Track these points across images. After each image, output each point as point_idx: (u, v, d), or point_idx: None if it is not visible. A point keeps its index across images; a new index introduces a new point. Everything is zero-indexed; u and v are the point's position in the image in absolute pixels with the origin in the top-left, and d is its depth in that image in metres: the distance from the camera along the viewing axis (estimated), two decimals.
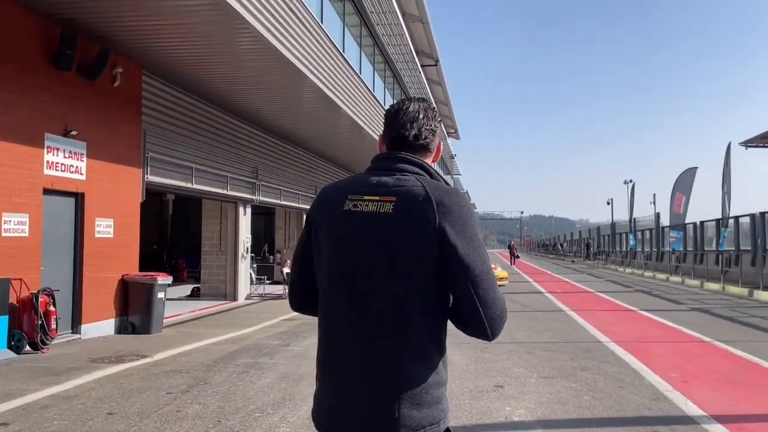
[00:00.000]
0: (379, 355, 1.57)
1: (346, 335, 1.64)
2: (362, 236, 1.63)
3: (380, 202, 1.63)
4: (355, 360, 1.61)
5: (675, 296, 17.00)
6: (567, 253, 66.61)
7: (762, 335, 9.62)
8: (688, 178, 27.16)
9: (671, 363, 7.28)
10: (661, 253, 29.69)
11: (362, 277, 1.61)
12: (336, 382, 1.65)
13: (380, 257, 1.60)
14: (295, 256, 1.82)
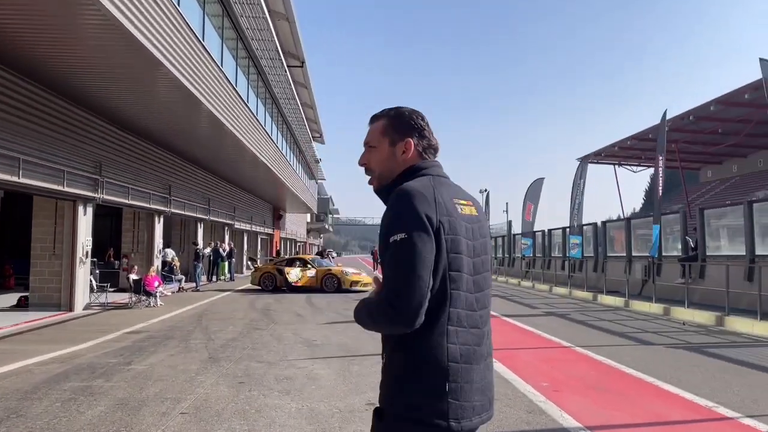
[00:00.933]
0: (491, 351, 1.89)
1: (477, 333, 1.78)
2: (475, 237, 1.83)
3: (470, 206, 1.87)
4: (487, 357, 1.84)
5: (529, 300, 17.71)
6: None
7: (613, 338, 10.03)
8: (537, 187, 28.82)
9: (540, 371, 7.24)
10: (513, 258, 31.25)
11: (482, 276, 1.84)
12: (478, 380, 1.75)
13: (486, 255, 1.88)
14: (427, 264, 1.66)
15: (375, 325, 1.71)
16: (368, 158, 1.95)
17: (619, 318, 13.03)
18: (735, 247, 14.11)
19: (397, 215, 1.69)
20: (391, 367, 1.74)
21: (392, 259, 1.66)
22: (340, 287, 19.92)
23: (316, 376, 6.86)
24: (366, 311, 1.73)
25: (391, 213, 1.72)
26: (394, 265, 1.65)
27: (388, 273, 1.67)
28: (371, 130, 1.96)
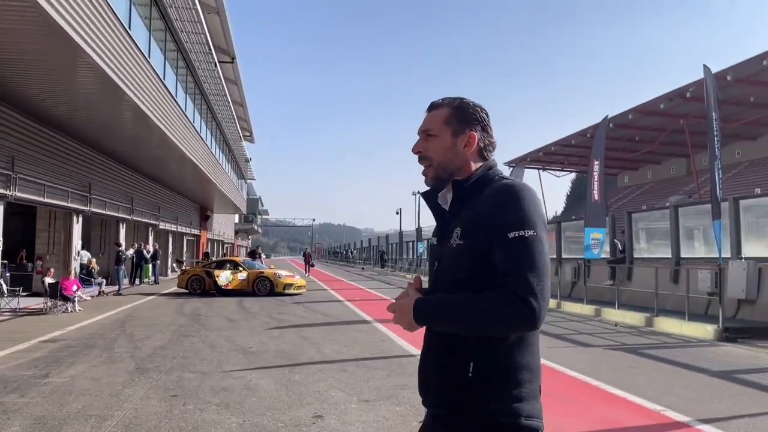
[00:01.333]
0: None
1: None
2: None
3: None
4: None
5: None
6: (357, 260, 68.46)
7: (552, 341, 10.09)
8: None
9: None
10: None
11: None
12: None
13: None
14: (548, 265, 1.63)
15: (487, 326, 1.58)
16: (425, 146, 1.84)
17: (554, 319, 13.22)
18: (661, 249, 14.65)
19: (523, 210, 1.61)
20: (487, 376, 1.61)
21: (522, 255, 1.57)
22: (272, 290, 19.34)
23: (256, 386, 6.45)
24: (478, 311, 1.57)
25: (512, 207, 1.62)
26: (527, 261, 1.56)
27: (517, 269, 1.56)
28: (431, 118, 1.84)
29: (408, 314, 1.67)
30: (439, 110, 1.84)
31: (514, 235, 1.57)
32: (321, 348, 9.00)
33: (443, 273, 1.74)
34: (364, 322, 12.54)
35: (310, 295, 19.82)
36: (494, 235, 1.60)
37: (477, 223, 1.65)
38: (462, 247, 1.66)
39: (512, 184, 1.68)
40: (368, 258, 61.41)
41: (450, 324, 1.63)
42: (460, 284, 1.64)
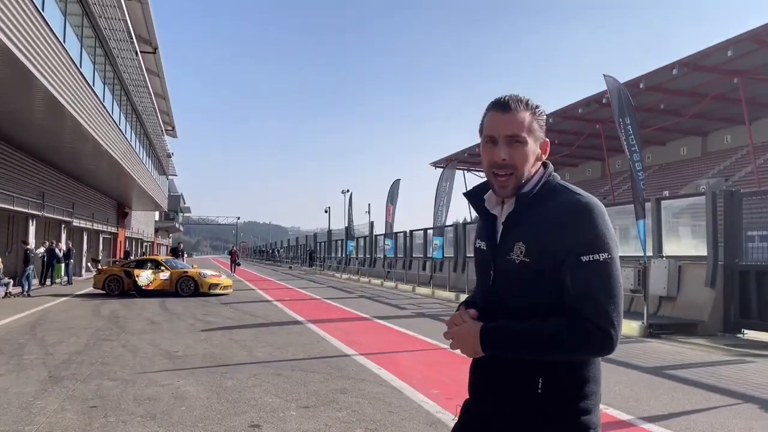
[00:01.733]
0: None
1: None
2: None
3: None
4: None
5: (396, 301, 17.69)
6: (284, 259, 67.43)
7: None
8: (395, 189, 29.19)
9: (427, 377, 6.97)
10: (374, 259, 31.41)
11: None
12: None
13: None
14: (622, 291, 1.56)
15: (560, 354, 1.55)
16: (510, 153, 1.66)
17: None
18: None
19: (597, 231, 1.55)
20: (555, 391, 1.58)
21: (597, 280, 1.53)
22: (197, 291, 18.54)
23: (185, 394, 6.02)
24: (548, 338, 1.53)
25: (586, 227, 1.55)
26: (602, 286, 1.52)
27: (592, 295, 1.52)
28: (516, 122, 1.66)
29: (473, 342, 1.61)
30: (519, 114, 1.67)
31: (588, 259, 1.52)
32: (253, 351, 8.60)
33: (500, 288, 1.67)
34: (296, 322, 12.18)
35: (237, 295, 19.17)
36: (565, 257, 1.54)
37: (545, 242, 1.58)
38: (527, 266, 1.60)
39: (584, 201, 1.58)
40: (296, 257, 60.59)
41: (520, 353, 1.57)
42: (524, 303, 1.61)
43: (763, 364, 7.95)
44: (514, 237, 1.62)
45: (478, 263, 1.81)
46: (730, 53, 29.24)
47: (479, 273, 1.80)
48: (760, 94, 34.49)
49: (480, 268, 1.80)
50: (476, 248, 1.81)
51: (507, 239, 1.64)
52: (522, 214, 1.64)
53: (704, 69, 31.09)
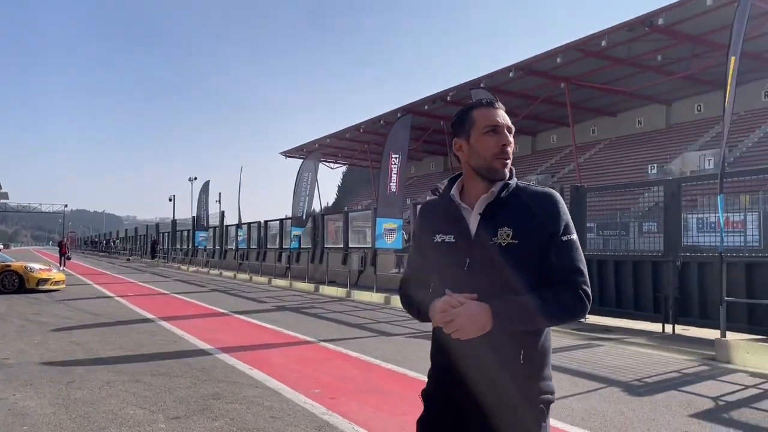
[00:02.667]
0: None
1: None
2: None
3: None
4: None
5: (253, 294, 17.01)
6: (121, 251, 62.70)
7: (354, 331, 9.99)
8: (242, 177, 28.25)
9: (304, 375, 6.63)
10: (225, 250, 30.14)
11: None
12: None
13: None
14: None
15: (561, 319, 1.81)
16: (510, 141, 1.94)
17: (348, 309, 13.24)
18: None
19: (568, 217, 1.87)
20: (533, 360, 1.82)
21: (575, 255, 1.83)
22: (22, 286, 16.40)
23: (24, 410, 5.13)
24: (552, 305, 1.76)
25: (562, 214, 1.86)
26: (579, 260, 1.83)
27: (575, 267, 1.82)
28: (506, 116, 1.95)
29: (482, 319, 1.71)
30: (502, 111, 1.94)
31: (567, 239, 1.83)
32: (101, 355, 7.67)
33: (484, 271, 1.81)
34: (146, 320, 11.16)
35: (71, 291, 17.27)
36: (550, 238, 1.81)
37: (529, 226, 1.81)
38: (516, 247, 1.79)
39: (555, 194, 1.88)
40: (134, 248, 56.55)
41: (529, 323, 1.77)
42: (513, 281, 1.78)
43: (609, 346, 8.64)
44: (496, 223, 1.82)
45: (442, 256, 1.89)
46: (558, 60, 32.03)
47: (445, 265, 1.89)
48: (582, 98, 38.19)
49: (446, 260, 1.88)
50: (437, 242, 1.91)
51: (487, 226, 1.83)
52: (502, 203, 1.85)
53: (536, 73, 33.71)
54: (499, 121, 1.88)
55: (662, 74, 34.32)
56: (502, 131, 1.87)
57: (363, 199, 65.71)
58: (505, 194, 1.85)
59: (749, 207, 13.41)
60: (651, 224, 17.20)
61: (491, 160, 1.87)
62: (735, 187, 12.52)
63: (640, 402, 5.43)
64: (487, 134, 1.87)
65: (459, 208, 1.89)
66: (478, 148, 1.87)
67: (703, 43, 30.03)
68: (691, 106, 40.31)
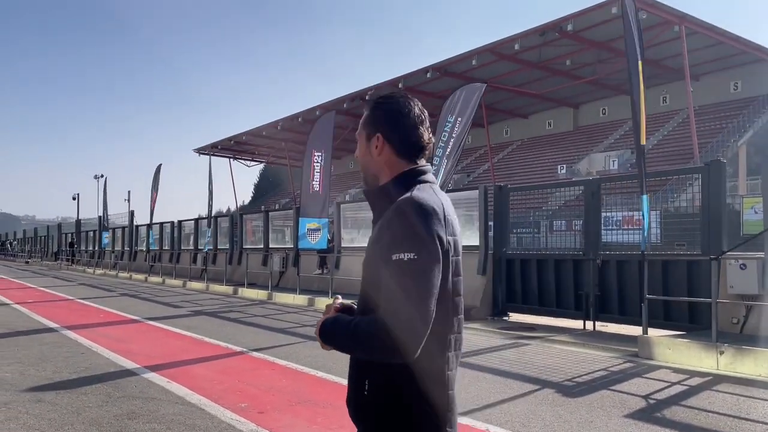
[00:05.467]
0: None
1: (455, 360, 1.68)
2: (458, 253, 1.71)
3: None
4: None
5: (168, 299, 16.14)
6: (19, 252, 58.46)
7: (280, 337, 9.60)
8: (158, 175, 26.87)
9: (230, 388, 6.21)
10: (135, 252, 28.64)
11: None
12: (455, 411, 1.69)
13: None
14: (434, 292, 1.51)
15: (361, 351, 1.59)
16: (357, 153, 1.77)
17: (271, 312, 12.77)
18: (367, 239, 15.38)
19: (406, 232, 1.51)
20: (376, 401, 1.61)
21: (396, 281, 1.49)
22: None
23: None
24: (346, 333, 1.57)
25: (396, 226, 1.53)
26: (400, 289, 1.48)
27: (389, 296, 1.50)
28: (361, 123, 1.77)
29: (317, 333, 1.65)
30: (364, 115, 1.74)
31: (396, 258, 1.49)
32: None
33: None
34: (49, 330, 10.26)
35: None
36: (381, 256, 1.53)
37: (374, 240, 1.62)
38: (365, 261, 1.63)
39: (406, 200, 1.55)
40: (33, 250, 52.85)
41: (340, 347, 1.61)
42: (363, 297, 1.63)
43: (536, 345, 8.74)
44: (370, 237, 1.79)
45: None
46: (474, 62, 32.79)
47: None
48: (496, 100, 39.28)
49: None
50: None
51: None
52: (375, 214, 1.76)
53: (453, 75, 34.35)
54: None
55: (570, 78, 35.87)
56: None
57: (281, 198, 64.64)
58: (372, 204, 1.75)
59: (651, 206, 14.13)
60: (560, 223, 17.84)
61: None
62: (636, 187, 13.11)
63: (576, 404, 5.44)
64: None
65: None
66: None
67: (607, 49, 31.61)
68: (596, 109, 42.41)
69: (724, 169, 8.59)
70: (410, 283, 1.47)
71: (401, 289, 1.47)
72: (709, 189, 8.54)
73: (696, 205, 9.22)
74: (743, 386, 5.97)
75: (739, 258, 7.89)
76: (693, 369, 6.77)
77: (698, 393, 5.80)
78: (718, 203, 8.45)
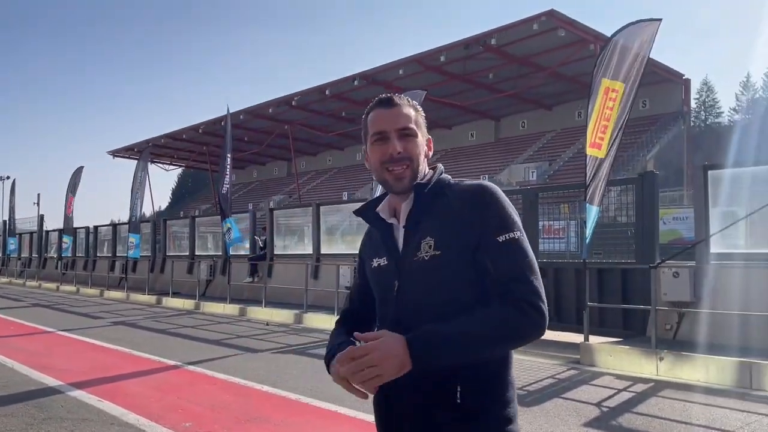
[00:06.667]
0: None
1: None
2: None
3: None
4: None
5: (85, 309, 15.07)
6: None
7: (215, 349, 9.11)
8: (77, 178, 25.32)
9: (168, 405, 5.78)
10: (45, 259, 26.82)
11: None
12: None
13: None
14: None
15: (503, 345, 1.48)
16: (405, 146, 1.61)
17: (201, 323, 12.19)
18: (301, 246, 15.07)
19: (508, 212, 1.51)
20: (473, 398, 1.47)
21: (518, 258, 1.46)
22: None
23: None
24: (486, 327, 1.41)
25: (495, 208, 1.51)
26: (525, 264, 1.46)
27: (518, 274, 1.45)
28: (404, 115, 1.63)
29: (398, 356, 1.38)
30: (405, 109, 1.65)
31: (505, 238, 1.48)
32: None
33: (413, 294, 1.54)
34: None
35: None
36: (480, 241, 1.49)
37: (455, 230, 1.51)
38: (440, 259, 1.50)
39: (487, 185, 1.57)
40: None
41: (460, 356, 1.43)
42: (438, 303, 1.50)
43: None
44: (419, 235, 1.55)
45: (378, 283, 1.66)
46: (401, 72, 33.18)
47: (380, 293, 1.66)
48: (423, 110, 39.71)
49: (380, 289, 1.65)
50: (375, 267, 1.67)
51: (412, 241, 1.57)
52: (423, 210, 1.57)
53: (380, 83, 34.62)
54: (384, 128, 1.62)
55: (492, 91, 36.93)
56: (388, 138, 1.61)
57: (201, 203, 62.68)
58: (426, 198, 1.58)
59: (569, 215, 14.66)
60: None
61: (381, 174, 1.64)
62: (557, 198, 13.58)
63: (533, 413, 5.42)
64: (375, 143, 1.64)
65: (389, 225, 1.65)
66: (371, 160, 1.67)
67: (528, 64, 32.75)
68: (517, 122, 43.90)
69: (656, 179, 8.97)
70: (528, 258, 1.48)
71: (527, 265, 1.47)
72: (643, 199, 8.88)
73: (630, 214, 9.55)
74: (685, 392, 6.16)
75: (672, 266, 8.22)
76: (635, 375, 6.94)
77: (646, 399, 5.92)
78: (652, 213, 8.79)
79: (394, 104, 1.65)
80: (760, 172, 7.95)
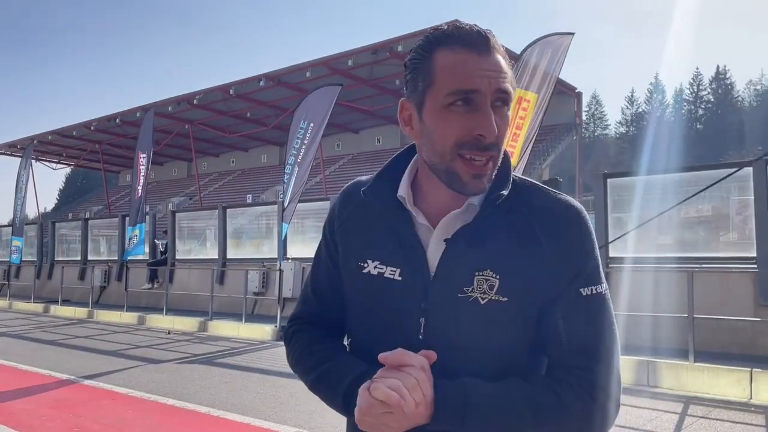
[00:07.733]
0: None
1: None
2: None
3: None
4: None
5: None
6: None
7: (113, 360, 8.56)
8: None
9: (64, 424, 5.32)
10: None
11: None
12: None
13: None
14: None
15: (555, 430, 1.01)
16: (501, 126, 1.00)
17: (95, 332, 11.43)
18: (205, 250, 14.50)
19: (596, 253, 1.05)
20: None
21: (604, 324, 1.03)
22: None
23: None
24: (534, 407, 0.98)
25: (591, 247, 1.04)
26: (610, 334, 1.03)
27: (599, 346, 1.01)
28: (505, 72, 1.02)
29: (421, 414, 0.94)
30: (505, 60, 1.03)
31: (590, 292, 1.03)
32: None
33: (446, 339, 1.02)
34: None
35: None
36: (561, 291, 1.03)
37: (532, 270, 1.02)
38: (503, 307, 1.01)
39: (579, 206, 1.07)
40: None
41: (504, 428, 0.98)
42: (493, 357, 1.02)
43: None
44: (475, 263, 1.03)
45: (374, 297, 1.09)
46: (308, 74, 32.99)
47: (383, 314, 1.09)
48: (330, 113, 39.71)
49: (383, 310, 1.08)
50: (372, 276, 1.10)
51: (459, 265, 1.04)
52: (488, 226, 1.04)
53: (286, 85, 34.28)
54: (479, 85, 0.99)
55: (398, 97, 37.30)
56: (478, 105, 0.99)
57: (93, 205, 59.08)
58: (493, 211, 1.05)
59: None
60: None
61: (450, 158, 1.02)
62: None
63: None
64: (454, 107, 1.00)
65: (412, 222, 1.09)
66: (434, 132, 1.03)
67: None
68: None
69: (560, 187, 9.39)
70: (614, 326, 1.05)
71: (610, 335, 1.04)
72: None
73: None
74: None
75: None
76: None
77: None
78: None
79: (491, 48, 1.02)
80: (654, 180, 8.53)
